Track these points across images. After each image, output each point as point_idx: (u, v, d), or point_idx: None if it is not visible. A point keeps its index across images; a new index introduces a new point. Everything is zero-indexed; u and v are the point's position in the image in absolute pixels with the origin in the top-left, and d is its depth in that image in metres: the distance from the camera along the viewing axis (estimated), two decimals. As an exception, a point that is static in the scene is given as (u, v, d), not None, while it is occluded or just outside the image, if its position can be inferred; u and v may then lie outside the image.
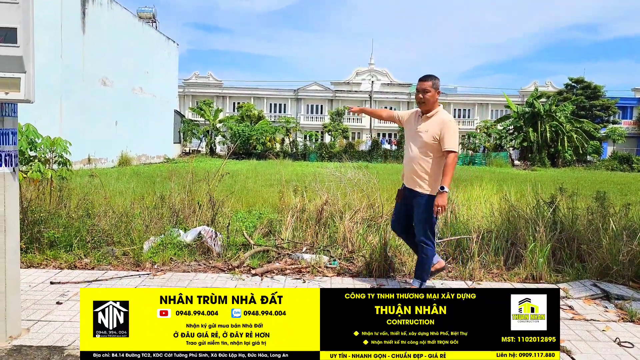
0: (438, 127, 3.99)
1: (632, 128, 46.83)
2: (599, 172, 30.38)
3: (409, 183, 4.14)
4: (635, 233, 4.98)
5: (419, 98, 4.07)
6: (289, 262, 4.97)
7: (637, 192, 15.68)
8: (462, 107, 51.74)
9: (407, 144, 4.21)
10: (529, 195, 7.12)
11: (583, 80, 44.39)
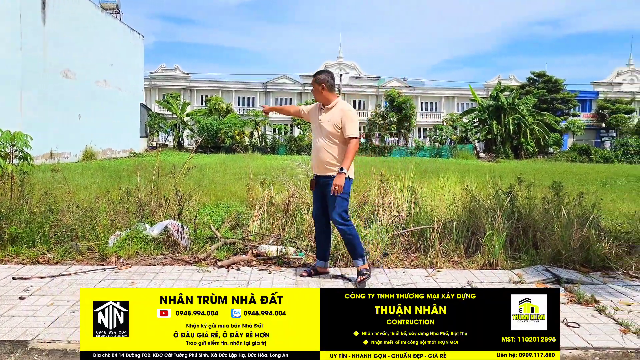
0: (339, 116, 4.32)
1: (591, 120, 48.37)
2: (559, 163, 31.35)
3: (319, 171, 4.41)
4: (586, 220, 5.24)
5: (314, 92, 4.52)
6: (256, 253, 5.04)
7: (594, 182, 16.29)
8: (429, 101, 52.45)
9: (314, 135, 4.50)
10: (488, 185, 7.37)
11: (545, 74, 45.55)
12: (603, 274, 4.68)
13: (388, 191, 7.11)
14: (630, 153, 36.37)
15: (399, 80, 51.55)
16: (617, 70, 52.59)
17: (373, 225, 5.46)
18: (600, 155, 35.84)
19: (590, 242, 4.89)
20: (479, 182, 8.50)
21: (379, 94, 49.58)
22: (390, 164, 19.19)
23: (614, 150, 37.35)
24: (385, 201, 6.80)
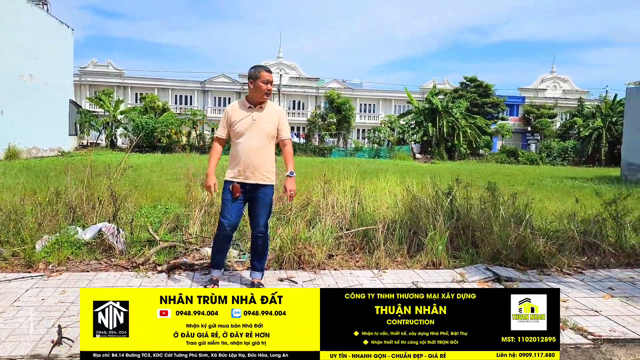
0: (276, 116, 4.17)
1: (518, 124, 50.88)
2: (490, 165, 32.78)
3: (253, 177, 4.08)
4: (522, 220, 5.45)
5: (269, 89, 4.14)
6: (197, 257, 4.86)
7: (522, 182, 17.11)
8: (367, 102, 53.30)
9: (245, 137, 4.07)
10: (428, 186, 7.53)
11: (476, 79, 47.44)
12: (539, 272, 4.88)
13: (331, 192, 7.11)
14: (553, 155, 38.61)
15: (338, 82, 52.05)
16: (541, 77, 55.68)
17: (318, 226, 5.41)
18: (526, 157, 37.80)
19: (526, 241, 5.09)
20: (418, 183, 8.70)
21: (319, 95, 49.81)
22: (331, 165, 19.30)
23: (539, 152, 39.49)
24: (329, 202, 6.79)
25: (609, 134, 36.96)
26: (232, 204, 4.11)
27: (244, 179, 4.09)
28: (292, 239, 4.83)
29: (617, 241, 6.08)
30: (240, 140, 4.09)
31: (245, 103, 4.16)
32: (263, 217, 4.19)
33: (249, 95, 4.16)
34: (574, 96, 52.17)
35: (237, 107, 4.17)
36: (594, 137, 37.31)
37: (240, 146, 4.08)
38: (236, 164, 4.10)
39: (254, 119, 4.09)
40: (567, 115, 47.78)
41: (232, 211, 4.12)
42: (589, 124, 38.54)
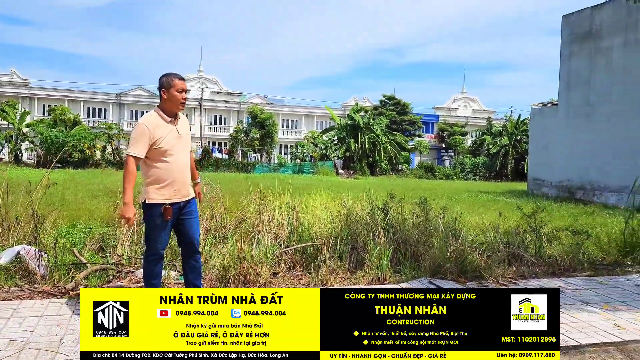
0: (189, 127, 4.04)
1: (433, 141, 53.38)
2: (409, 180, 34.04)
3: (184, 194, 3.84)
4: (458, 234, 5.66)
5: (185, 99, 3.84)
6: (134, 280, 4.56)
7: (443, 197, 17.88)
8: (290, 118, 53.59)
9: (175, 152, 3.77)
10: (362, 201, 7.63)
11: (394, 98, 49.33)
12: (477, 284, 5.06)
13: (266, 208, 7.00)
14: (466, 171, 40.86)
15: (261, 97, 51.96)
16: (453, 97, 58.94)
17: (261, 243, 5.28)
18: (442, 172, 39.69)
19: (464, 254, 5.28)
20: (351, 198, 8.81)
21: (241, 110, 49.41)
22: (255, 180, 19.13)
23: (454, 168, 41.63)
24: (265, 219, 6.67)
25: (515, 151, 39.72)
26: (163, 228, 3.78)
27: (181, 197, 3.81)
28: (237, 258, 4.66)
29: (537, 252, 6.47)
30: (171, 158, 3.74)
31: (164, 116, 3.76)
32: (198, 232, 4.02)
33: (164, 107, 3.77)
34: (483, 115, 55.62)
35: (158, 122, 3.73)
36: (502, 153, 39.93)
37: (173, 163, 3.75)
38: (170, 183, 3.73)
39: (179, 133, 3.81)
40: (477, 133, 50.80)
41: (165, 236, 3.85)
42: (497, 141, 41.21)
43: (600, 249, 7.31)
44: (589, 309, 4.35)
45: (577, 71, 20.57)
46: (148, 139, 3.66)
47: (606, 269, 6.31)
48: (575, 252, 6.51)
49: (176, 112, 3.83)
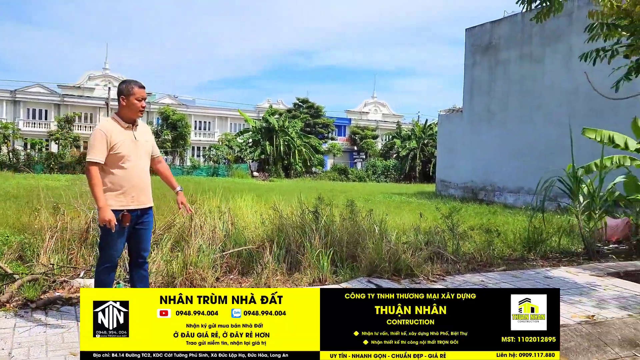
0: (149, 134, 4.04)
1: (346, 144, 54.81)
2: (324, 182, 34.71)
3: (143, 202, 3.84)
4: (388, 235, 5.98)
5: (144, 107, 3.87)
6: (72, 290, 4.37)
7: (359, 198, 18.51)
8: (202, 120, 52.47)
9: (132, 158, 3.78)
10: (289, 204, 7.78)
11: (308, 101, 50.04)
12: (411, 281, 5.40)
13: (197, 212, 6.94)
14: (378, 173, 42.40)
15: (171, 97, 50.40)
16: (364, 101, 60.90)
17: (203, 248, 5.26)
18: (355, 174, 40.88)
19: (398, 254, 5.61)
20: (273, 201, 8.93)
21: (151, 110, 47.60)
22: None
23: (366, 170, 43.01)
24: (197, 223, 6.62)
25: (422, 154, 41.83)
26: (120, 235, 3.75)
27: (138, 204, 3.79)
28: (183, 264, 4.63)
29: (455, 250, 6.99)
30: (128, 164, 3.74)
31: (121, 122, 3.79)
32: (149, 241, 4.02)
33: (121, 113, 3.81)
34: (392, 119, 57.98)
35: (115, 127, 3.76)
36: (410, 156, 41.89)
37: (130, 169, 3.75)
38: (127, 190, 3.73)
39: (136, 138, 3.82)
40: (387, 137, 52.82)
41: (121, 244, 3.82)
42: (406, 145, 43.15)
43: (507, 246, 8.02)
44: (509, 300, 4.82)
45: (479, 80, 22.19)
46: (106, 144, 3.68)
47: (515, 263, 6.95)
48: (487, 249, 7.12)
49: (134, 119, 3.86)
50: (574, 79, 17.62)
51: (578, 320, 4.27)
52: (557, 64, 18.59)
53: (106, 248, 3.76)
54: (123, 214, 3.70)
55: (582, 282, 5.71)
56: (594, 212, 7.90)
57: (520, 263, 7.01)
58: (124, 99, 3.78)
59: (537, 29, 18.95)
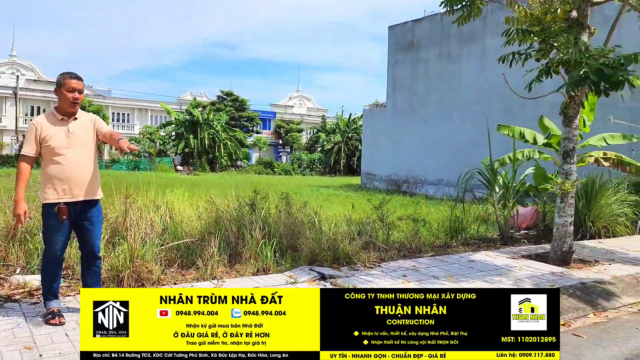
0: (91, 123, 3.96)
1: (271, 137, 54.76)
2: (250, 176, 34.55)
3: (85, 194, 3.82)
4: (325, 226, 6.25)
5: (77, 99, 3.80)
6: (12, 286, 4.24)
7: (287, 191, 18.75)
8: (121, 112, 50.24)
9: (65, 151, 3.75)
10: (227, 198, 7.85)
11: (232, 94, 49.40)
12: (350, 268, 5.70)
13: (132, 207, 6.86)
14: (303, 166, 42.83)
15: (86, 88, 47.83)
16: (289, 95, 61.07)
17: (147, 242, 5.24)
18: (281, 168, 41.04)
19: (337, 243, 5.89)
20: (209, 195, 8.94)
21: (59, 100, 44.92)
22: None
23: (292, 163, 43.30)
24: (133, 218, 6.55)
25: (347, 147, 42.75)
26: (59, 230, 3.75)
27: (71, 197, 3.77)
28: (130, 257, 4.62)
29: (386, 239, 7.40)
30: (61, 157, 3.74)
31: (56, 115, 3.81)
32: (99, 237, 3.99)
33: (58, 106, 3.85)
34: (317, 113, 58.63)
35: (45, 121, 3.78)
36: (335, 150, 42.67)
37: (62, 163, 3.74)
38: (59, 183, 3.73)
39: (70, 131, 3.79)
40: (312, 131, 53.35)
41: (62, 237, 3.80)
42: (330, 138, 43.88)
43: (432, 234, 8.58)
44: (439, 282, 5.26)
45: (402, 77, 23.11)
46: (35, 137, 3.73)
47: (440, 249, 7.48)
48: (414, 237, 7.61)
49: (70, 112, 3.82)
50: (488, 78, 18.87)
51: (500, 297, 4.75)
52: (473, 64, 19.80)
53: (48, 242, 3.78)
54: (59, 207, 3.69)
55: (500, 264, 6.30)
56: (508, 201, 8.64)
57: (445, 249, 7.55)
58: (56, 91, 3.81)
59: (455, 29, 20.01)
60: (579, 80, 5.63)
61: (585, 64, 5.57)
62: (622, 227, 9.03)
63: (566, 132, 6.60)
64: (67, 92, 3.76)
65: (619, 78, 5.38)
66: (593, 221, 8.72)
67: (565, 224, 6.44)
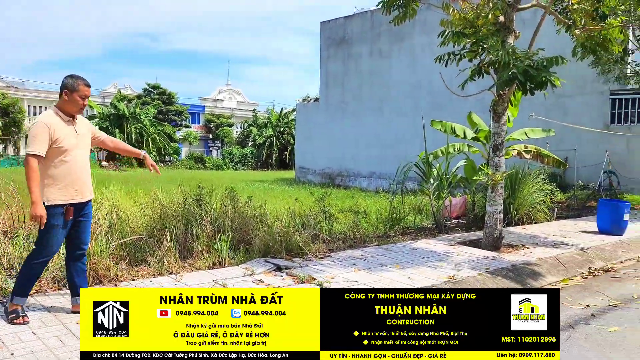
0: (89, 127, 4.10)
1: (201, 132, 53.69)
2: (180, 171, 33.82)
3: (85, 195, 3.92)
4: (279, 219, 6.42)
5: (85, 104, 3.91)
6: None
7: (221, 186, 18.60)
8: (38, 104, 47.18)
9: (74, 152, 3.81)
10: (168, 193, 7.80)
11: (159, 87, 47.91)
12: (302, 259, 5.89)
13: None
14: (235, 161, 42.47)
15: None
16: (219, 89, 60.10)
17: (99, 239, 5.15)
18: (213, 163, 40.47)
19: (289, 236, 6.06)
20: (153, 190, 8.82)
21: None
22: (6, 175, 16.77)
23: (223, 158, 42.79)
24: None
25: (279, 142, 42.83)
26: (63, 229, 3.79)
27: (81, 198, 3.86)
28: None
29: (329, 230, 7.67)
30: (70, 157, 3.78)
31: (62, 115, 3.82)
32: (89, 234, 4.09)
33: (63, 107, 3.82)
34: (248, 107, 58.14)
35: (58, 121, 3.78)
36: (267, 144, 42.63)
37: (72, 163, 3.79)
38: (69, 184, 3.77)
39: (77, 132, 3.86)
40: (243, 125, 52.91)
41: (62, 237, 3.85)
42: (262, 133, 43.77)
43: (371, 225, 8.96)
44: (387, 269, 5.59)
45: (334, 73, 23.54)
46: (48, 137, 3.68)
47: (381, 239, 7.85)
48: (355, 229, 7.93)
49: (75, 114, 3.88)
50: (417, 75, 19.71)
51: (443, 280, 5.16)
52: (403, 61, 20.56)
53: (46, 242, 3.74)
54: (67, 208, 3.75)
55: (440, 250, 6.75)
56: (442, 192, 9.19)
57: (385, 239, 7.93)
58: (67, 94, 3.78)
59: (385, 27, 20.67)
60: (508, 80, 6.15)
61: (513, 65, 6.09)
62: (541, 214, 9.87)
63: (495, 127, 7.16)
64: (79, 99, 3.81)
65: (543, 78, 5.94)
66: (517, 209, 9.47)
67: (495, 212, 7.00)
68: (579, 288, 5.62)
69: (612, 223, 8.54)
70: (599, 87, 15.04)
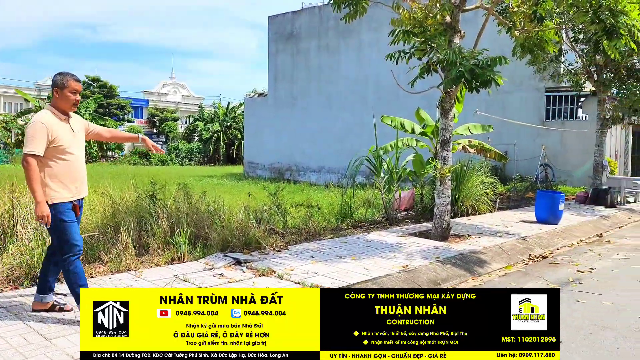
0: (83, 124, 4.10)
1: (144, 126, 52.21)
2: (125, 166, 32.85)
3: (83, 192, 3.97)
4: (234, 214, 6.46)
5: (77, 100, 3.89)
6: None
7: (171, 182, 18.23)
8: (-35, 97, 44.48)
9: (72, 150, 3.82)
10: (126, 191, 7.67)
11: (99, 80, 46.25)
12: (261, 253, 5.97)
13: (18, 202, 6.50)
14: (181, 156, 41.65)
15: None
16: (163, 82, 58.61)
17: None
18: (158, 158, 39.47)
19: (247, 230, 6.13)
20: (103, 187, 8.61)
21: None
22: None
23: (169, 153, 41.83)
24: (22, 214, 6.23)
25: (226, 136, 42.34)
26: (75, 224, 3.84)
27: (80, 195, 3.93)
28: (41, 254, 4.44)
29: (284, 225, 7.79)
30: (69, 156, 3.79)
31: (58, 114, 3.80)
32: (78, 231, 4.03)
33: (56, 105, 3.81)
34: (193, 101, 57.06)
35: (54, 120, 3.75)
36: (214, 139, 42.04)
37: (72, 161, 3.81)
38: (71, 181, 3.80)
39: (73, 130, 3.87)
40: (189, 119, 51.88)
41: (77, 229, 3.88)
42: (209, 127, 43.10)
43: (323, 218, 9.15)
44: (344, 260, 5.77)
45: (283, 67, 23.56)
46: (46, 136, 3.66)
47: (334, 232, 8.04)
48: (308, 222, 8.09)
49: (69, 112, 3.87)
50: (364, 70, 20.07)
51: (397, 270, 5.40)
52: (350, 56, 20.87)
53: (67, 239, 3.74)
54: (74, 204, 3.82)
55: (392, 242, 7.02)
56: (392, 185, 9.50)
57: (338, 232, 8.13)
58: (57, 92, 3.78)
59: (333, 22, 20.91)
60: (455, 78, 6.46)
61: (460, 64, 6.41)
62: (485, 206, 10.38)
63: (443, 123, 7.49)
64: (70, 94, 3.79)
65: (488, 77, 6.30)
66: (462, 201, 9.91)
67: (444, 204, 7.35)
68: (521, 274, 6.02)
69: (549, 213, 9.13)
70: (536, 85, 15.93)
